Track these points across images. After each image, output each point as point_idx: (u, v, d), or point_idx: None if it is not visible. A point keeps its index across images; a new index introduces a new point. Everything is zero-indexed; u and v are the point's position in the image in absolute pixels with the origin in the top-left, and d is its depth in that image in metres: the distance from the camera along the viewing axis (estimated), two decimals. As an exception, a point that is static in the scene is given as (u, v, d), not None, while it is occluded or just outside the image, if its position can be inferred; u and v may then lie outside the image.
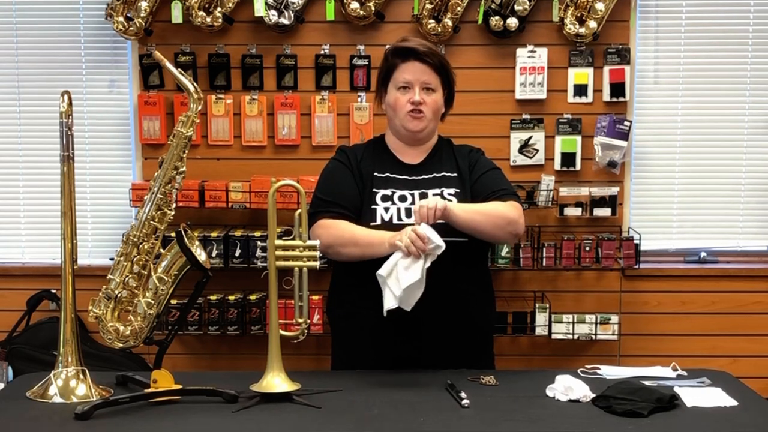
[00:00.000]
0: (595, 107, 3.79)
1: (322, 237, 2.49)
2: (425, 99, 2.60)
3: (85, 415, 2.07)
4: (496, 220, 2.53)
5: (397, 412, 2.13)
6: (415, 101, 2.59)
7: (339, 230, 2.53)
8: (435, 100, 2.63)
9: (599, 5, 3.65)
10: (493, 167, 2.70)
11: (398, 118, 2.63)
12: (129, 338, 2.30)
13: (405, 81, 2.60)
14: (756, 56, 3.87)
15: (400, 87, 2.62)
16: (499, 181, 2.67)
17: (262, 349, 2.33)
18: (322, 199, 2.61)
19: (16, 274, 3.94)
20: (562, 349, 3.85)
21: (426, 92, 2.61)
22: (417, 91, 2.59)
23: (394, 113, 2.64)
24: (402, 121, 2.62)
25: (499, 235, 2.57)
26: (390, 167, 2.66)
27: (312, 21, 3.76)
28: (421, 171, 2.66)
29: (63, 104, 2.31)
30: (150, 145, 3.83)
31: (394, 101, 2.62)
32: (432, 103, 2.62)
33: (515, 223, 2.56)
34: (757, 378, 3.29)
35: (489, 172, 2.67)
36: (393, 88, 2.63)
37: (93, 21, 3.85)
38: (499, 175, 2.70)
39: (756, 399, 2.29)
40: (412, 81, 2.60)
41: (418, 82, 2.60)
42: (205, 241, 3.61)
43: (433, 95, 2.62)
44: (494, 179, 2.66)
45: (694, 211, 3.96)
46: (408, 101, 2.60)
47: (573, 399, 2.21)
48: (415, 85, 2.60)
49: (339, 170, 2.67)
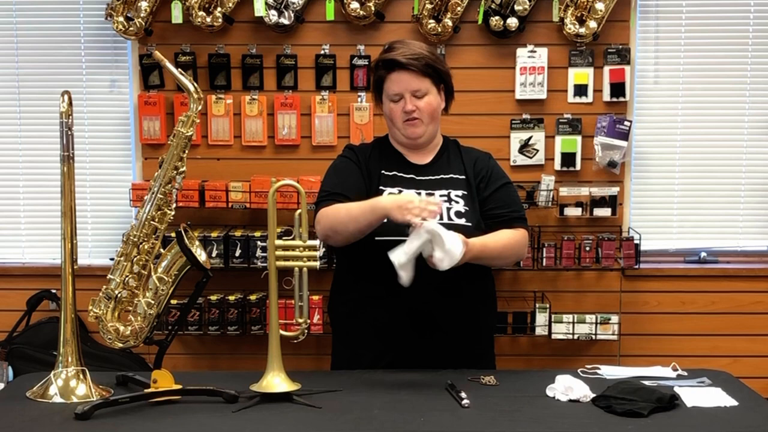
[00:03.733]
0: (595, 107, 3.79)
1: (322, 222, 2.51)
2: (418, 105, 2.59)
3: (85, 415, 2.07)
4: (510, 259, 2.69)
5: (397, 412, 2.13)
6: (407, 110, 2.59)
7: (336, 210, 2.52)
8: (428, 102, 2.61)
9: (599, 5, 3.65)
10: (505, 182, 2.69)
11: (396, 127, 2.64)
12: (129, 338, 2.30)
13: (394, 93, 2.60)
14: (756, 56, 3.87)
15: (391, 99, 2.61)
16: (511, 201, 2.67)
17: (262, 349, 2.33)
18: (327, 191, 2.61)
19: (16, 274, 3.94)
20: (562, 349, 3.85)
21: (417, 99, 2.59)
22: (407, 99, 2.58)
23: (391, 123, 2.66)
24: (400, 129, 2.63)
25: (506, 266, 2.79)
26: (397, 166, 2.66)
27: (312, 21, 3.76)
28: (428, 172, 2.66)
29: (63, 104, 2.31)
30: (150, 145, 3.83)
31: (390, 112, 2.63)
32: (426, 106, 2.60)
33: (521, 257, 2.77)
34: (757, 378, 3.29)
35: (501, 189, 2.66)
36: (386, 99, 2.64)
37: (93, 21, 3.86)
38: (510, 192, 2.69)
39: (756, 399, 2.29)
40: (400, 92, 2.59)
41: (407, 92, 2.58)
42: (205, 241, 3.62)
43: (425, 99, 2.60)
44: (506, 200, 2.65)
45: (694, 211, 3.96)
46: (402, 110, 2.60)
47: (573, 399, 2.21)
48: (404, 94, 2.59)
49: (347, 165, 2.66)
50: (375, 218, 2.43)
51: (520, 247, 2.63)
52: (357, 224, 2.45)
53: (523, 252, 2.68)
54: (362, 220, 2.44)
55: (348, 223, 2.47)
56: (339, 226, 2.49)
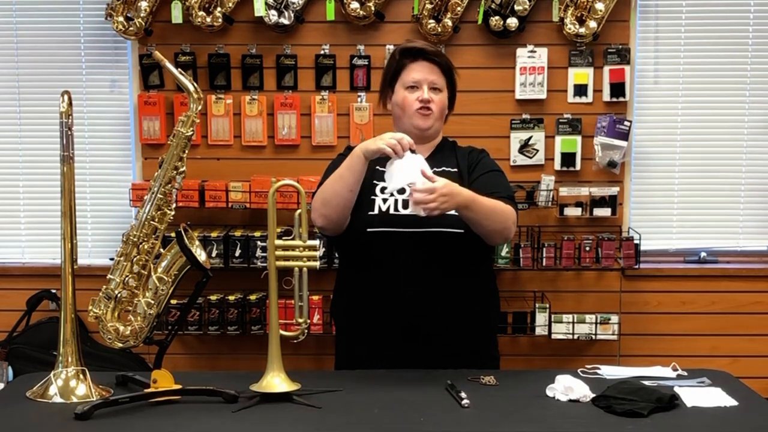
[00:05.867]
0: (595, 107, 3.79)
1: (315, 202, 2.56)
2: (433, 98, 2.64)
3: (85, 415, 2.07)
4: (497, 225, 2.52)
5: (397, 412, 2.13)
6: (423, 99, 2.63)
7: (323, 185, 2.58)
8: (441, 99, 2.67)
9: (599, 5, 3.65)
10: (494, 169, 2.70)
11: (407, 116, 2.66)
12: (129, 338, 2.30)
13: (414, 80, 2.65)
14: (756, 56, 3.87)
15: (408, 86, 2.65)
16: (498, 184, 2.66)
17: (262, 349, 2.33)
18: (321, 183, 2.63)
19: (16, 274, 3.94)
20: (562, 349, 3.85)
21: (433, 92, 2.65)
22: (425, 89, 2.64)
23: (402, 112, 2.67)
24: (411, 118, 2.65)
25: (491, 236, 2.56)
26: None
27: (312, 21, 3.76)
28: None
29: (63, 104, 2.31)
30: (150, 145, 3.83)
31: (403, 100, 2.66)
32: (439, 102, 2.66)
33: (509, 229, 2.57)
34: (757, 378, 3.29)
35: (489, 173, 2.67)
36: (401, 88, 2.67)
37: (93, 21, 3.86)
38: (500, 178, 2.69)
39: (756, 399, 2.29)
40: (420, 80, 2.64)
41: (426, 81, 2.64)
42: (205, 241, 3.62)
43: (440, 95, 2.67)
44: (494, 181, 2.65)
45: (694, 211, 3.96)
46: (417, 99, 2.63)
47: (573, 399, 2.21)
48: (423, 84, 2.64)
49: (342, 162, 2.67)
50: (356, 163, 2.49)
51: (507, 217, 2.54)
52: (344, 182, 2.50)
53: (511, 226, 2.56)
54: (347, 175, 2.50)
55: (336, 186, 2.52)
56: (328, 194, 2.53)
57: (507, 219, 2.55)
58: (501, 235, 2.56)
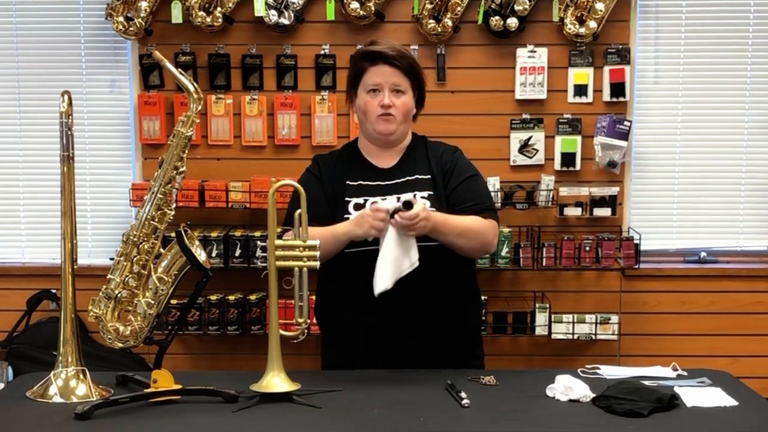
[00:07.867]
0: (595, 107, 3.79)
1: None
2: (395, 102, 2.58)
3: (85, 415, 2.07)
4: (473, 243, 2.55)
5: (397, 412, 2.13)
6: (384, 104, 2.57)
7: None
8: (405, 102, 2.61)
9: (599, 5, 3.66)
10: (471, 174, 2.66)
11: (369, 121, 2.62)
12: (129, 338, 2.30)
13: (374, 84, 2.59)
14: (756, 56, 3.87)
15: (369, 90, 2.60)
16: (477, 193, 2.63)
17: (262, 349, 2.33)
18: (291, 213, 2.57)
19: (16, 274, 3.94)
20: (562, 349, 3.85)
21: (395, 94, 2.59)
22: (386, 94, 2.58)
23: (364, 117, 2.63)
24: (373, 124, 2.61)
25: (469, 253, 2.59)
26: (362, 174, 2.64)
27: (312, 21, 3.77)
28: (393, 175, 2.64)
29: (63, 104, 2.31)
30: (150, 145, 3.83)
31: (365, 105, 2.61)
32: (402, 105, 2.60)
33: (489, 245, 2.60)
34: (757, 378, 3.29)
35: (467, 181, 2.63)
36: (363, 92, 2.62)
37: (93, 21, 3.86)
38: (477, 184, 2.66)
39: (756, 399, 2.29)
40: (381, 83, 2.58)
41: (387, 85, 2.58)
42: (205, 241, 3.62)
43: (402, 97, 2.60)
44: (472, 190, 2.62)
45: (694, 211, 3.96)
46: (378, 104, 2.58)
47: (573, 399, 2.21)
48: (384, 87, 2.58)
49: (309, 182, 2.62)
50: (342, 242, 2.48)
51: (486, 233, 2.55)
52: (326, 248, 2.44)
53: (491, 240, 2.58)
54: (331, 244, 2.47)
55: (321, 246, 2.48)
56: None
57: (485, 235, 2.55)
58: (479, 251, 2.62)
